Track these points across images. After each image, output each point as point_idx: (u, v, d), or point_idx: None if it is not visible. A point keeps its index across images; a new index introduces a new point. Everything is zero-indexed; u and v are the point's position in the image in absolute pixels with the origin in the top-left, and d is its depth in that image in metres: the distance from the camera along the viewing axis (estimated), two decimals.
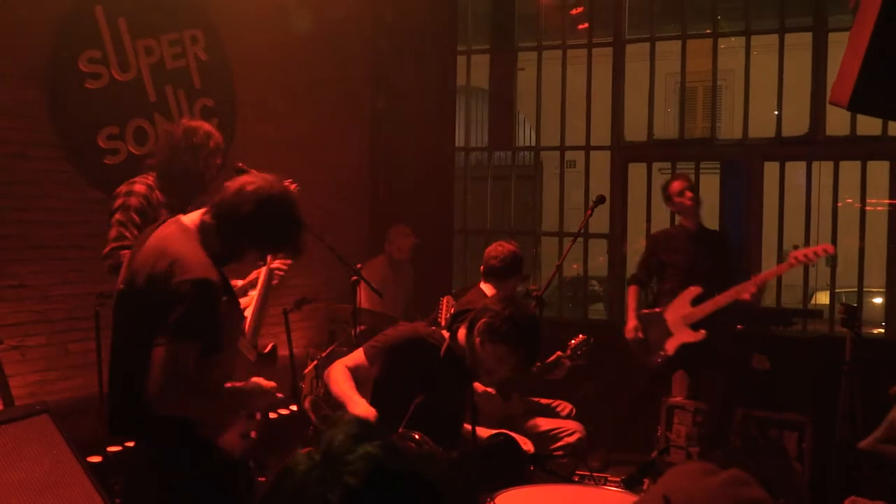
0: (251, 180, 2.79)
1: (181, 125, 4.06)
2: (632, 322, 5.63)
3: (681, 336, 5.49)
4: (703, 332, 5.45)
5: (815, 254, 5.27)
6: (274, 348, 3.43)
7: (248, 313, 3.41)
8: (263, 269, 3.46)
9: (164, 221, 2.89)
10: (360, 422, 1.19)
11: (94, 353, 4.23)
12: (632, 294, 5.75)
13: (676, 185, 5.63)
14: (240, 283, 4.01)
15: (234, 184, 2.80)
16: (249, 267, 3.43)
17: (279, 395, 2.99)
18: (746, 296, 5.31)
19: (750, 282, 5.32)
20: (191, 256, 2.70)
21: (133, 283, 2.74)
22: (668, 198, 5.69)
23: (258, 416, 2.91)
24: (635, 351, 5.67)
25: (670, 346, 5.52)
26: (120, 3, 5.09)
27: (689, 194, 5.57)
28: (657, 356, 5.57)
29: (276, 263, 3.39)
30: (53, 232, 4.77)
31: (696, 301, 5.48)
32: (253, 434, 2.87)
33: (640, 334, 5.59)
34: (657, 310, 5.60)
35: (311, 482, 1.13)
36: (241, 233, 2.76)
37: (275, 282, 3.57)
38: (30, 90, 4.70)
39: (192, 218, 2.85)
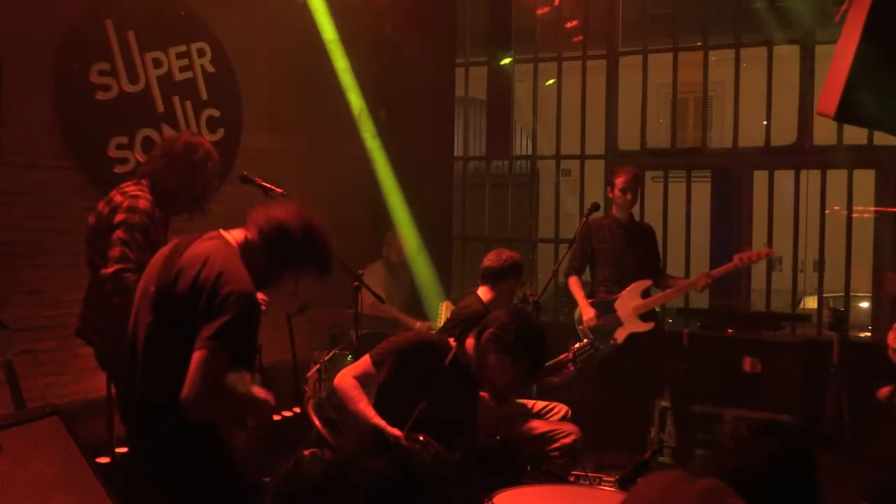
0: (292, 208, 2.85)
1: (181, 139, 3.87)
2: (590, 311, 5.57)
3: (630, 326, 5.52)
4: (651, 323, 5.52)
5: (758, 255, 5.40)
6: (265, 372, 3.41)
7: None
8: None
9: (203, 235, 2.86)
10: (377, 438, 1.19)
11: None
12: (575, 284, 5.69)
13: (618, 181, 5.66)
14: None
15: (275, 209, 2.84)
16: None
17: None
18: (699, 287, 5.45)
19: (702, 274, 5.45)
20: (238, 270, 2.69)
21: (174, 286, 2.69)
22: (610, 185, 5.73)
23: (249, 424, 2.90)
24: (588, 336, 5.56)
25: (620, 335, 5.53)
26: (129, 16, 5.10)
27: (628, 196, 5.60)
28: (604, 345, 5.48)
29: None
30: (64, 239, 4.76)
31: (646, 294, 5.53)
32: (243, 443, 2.86)
33: (600, 321, 5.56)
34: (608, 297, 5.58)
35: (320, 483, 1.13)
36: (289, 256, 2.81)
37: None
38: (41, 101, 4.71)
39: (234, 235, 2.84)
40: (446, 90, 7.35)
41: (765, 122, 6.84)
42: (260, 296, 3.36)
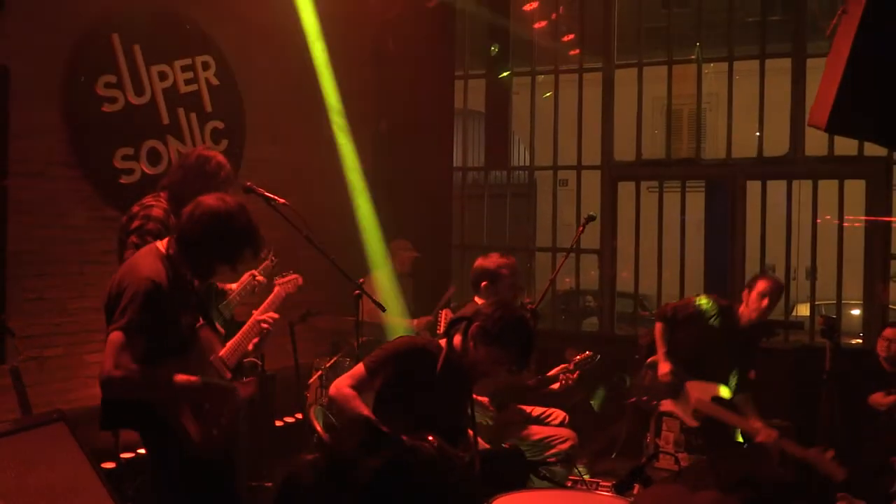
0: (201, 202, 3.05)
1: (195, 152, 4.00)
2: (667, 366, 5.00)
3: (682, 410, 5.02)
4: (697, 423, 4.96)
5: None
6: (253, 364, 3.44)
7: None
8: (251, 321, 3.45)
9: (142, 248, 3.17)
10: (370, 434, 1.18)
11: None
12: (660, 331, 5.06)
13: (763, 284, 4.94)
14: (234, 287, 4.05)
15: (188, 209, 3.06)
16: (234, 273, 3.44)
17: (241, 394, 3.18)
18: (760, 437, 4.76)
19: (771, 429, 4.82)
20: (140, 265, 2.97)
21: (106, 301, 2.99)
22: (749, 287, 5.04)
23: (213, 412, 3.04)
24: (645, 382, 5.20)
25: (665, 406, 5.07)
26: (135, 30, 5.11)
27: (765, 303, 4.91)
28: (647, 398, 5.16)
29: (265, 317, 3.39)
30: (72, 248, 4.76)
31: (718, 400, 4.94)
32: (216, 431, 3.02)
33: (674, 378, 4.98)
34: (689, 376, 5.03)
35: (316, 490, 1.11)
36: (200, 252, 3.03)
37: (264, 333, 3.51)
38: (50, 113, 4.71)
39: (163, 243, 3.11)
40: (446, 102, 7.35)
41: (757, 134, 6.85)
42: (266, 315, 3.39)
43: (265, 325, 3.36)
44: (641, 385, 5.26)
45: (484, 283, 4.61)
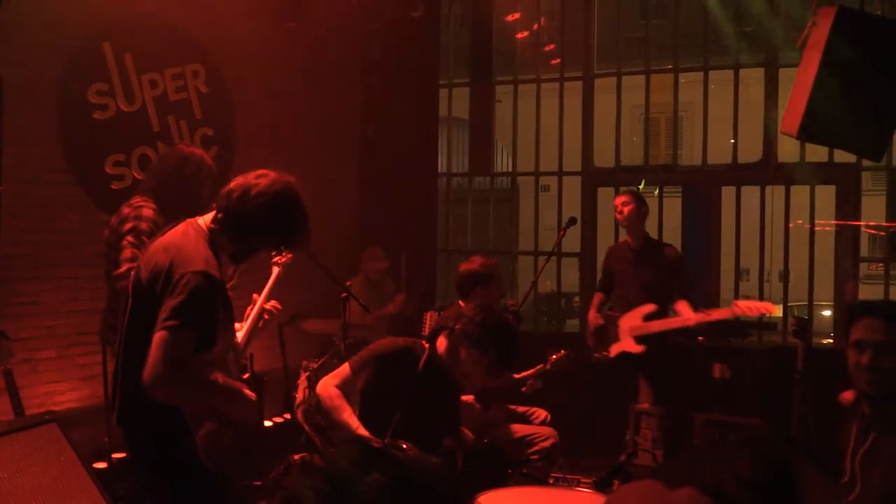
0: (254, 181, 2.73)
1: (175, 153, 4.02)
2: (592, 312, 5.79)
3: (624, 344, 5.53)
4: (643, 347, 5.46)
5: (758, 309, 5.32)
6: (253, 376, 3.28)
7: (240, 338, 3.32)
8: (255, 307, 3.36)
9: (177, 223, 2.80)
10: (364, 450, 1.15)
11: (100, 365, 4.18)
12: (596, 298, 5.89)
13: (616, 200, 5.71)
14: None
15: (239, 183, 2.73)
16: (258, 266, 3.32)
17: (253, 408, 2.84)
18: (689, 324, 5.39)
19: (700, 313, 5.36)
20: (191, 250, 2.63)
21: (139, 281, 2.66)
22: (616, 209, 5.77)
23: (235, 418, 2.75)
24: (589, 340, 5.78)
25: (613, 350, 5.57)
26: (126, 39, 5.09)
27: (625, 210, 5.58)
28: (599, 353, 5.65)
29: (269, 305, 3.32)
30: (64, 252, 4.73)
31: (649, 317, 5.46)
32: (225, 442, 2.74)
33: (601, 321, 5.67)
34: (615, 313, 5.65)
35: None
36: (249, 228, 2.70)
37: (264, 320, 3.43)
38: (43, 120, 4.69)
39: (206, 219, 2.78)
40: (431, 110, 7.36)
41: (732, 141, 6.89)
42: (270, 304, 3.32)
43: (274, 310, 3.28)
44: (589, 346, 5.74)
45: (477, 288, 4.57)
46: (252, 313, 3.31)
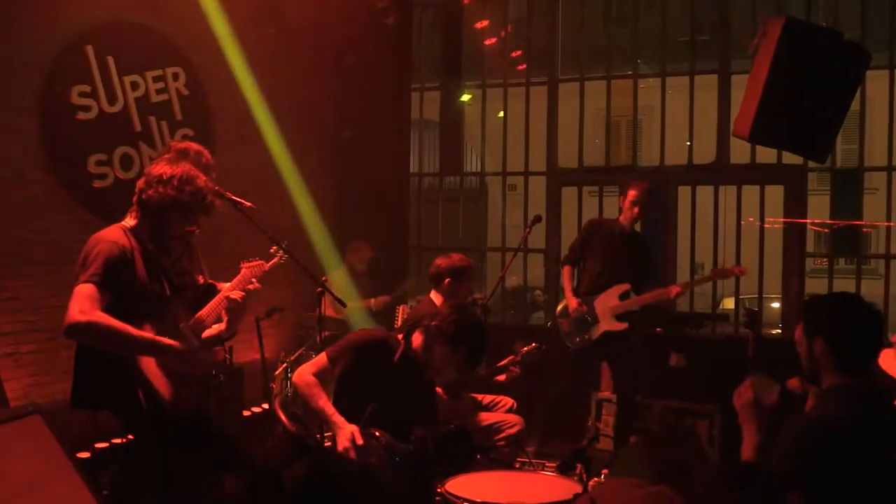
0: (151, 170, 3.09)
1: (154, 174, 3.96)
2: (575, 300, 5.52)
3: (606, 325, 5.49)
4: (626, 323, 5.48)
5: (733, 272, 5.48)
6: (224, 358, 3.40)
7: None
8: (220, 296, 3.38)
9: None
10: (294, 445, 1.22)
11: None
12: (567, 274, 5.62)
13: (631, 193, 5.53)
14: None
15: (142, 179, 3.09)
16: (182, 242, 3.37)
17: (210, 360, 3.19)
18: (670, 295, 5.47)
19: (676, 285, 5.50)
20: (104, 234, 2.97)
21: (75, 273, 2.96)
22: (623, 194, 5.60)
23: (183, 375, 3.02)
24: (565, 328, 5.62)
25: (594, 333, 5.51)
26: (108, 42, 5.01)
27: (636, 210, 5.49)
28: (580, 338, 5.56)
29: (232, 294, 3.32)
30: (46, 249, 4.65)
31: (624, 296, 5.50)
32: (185, 392, 3.01)
33: (584, 307, 5.49)
34: (591, 298, 5.55)
35: None
36: (157, 204, 3.01)
37: (230, 304, 3.44)
38: (26, 121, 4.60)
39: (126, 220, 3.10)
40: (403, 112, 7.34)
41: (688, 143, 6.96)
42: (236, 292, 3.32)
43: (233, 298, 3.28)
44: (564, 332, 5.62)
45: (447, 280, 4.61)
46: (213, 301, 3.30)
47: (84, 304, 2.78)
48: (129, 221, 3.10)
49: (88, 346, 2.92)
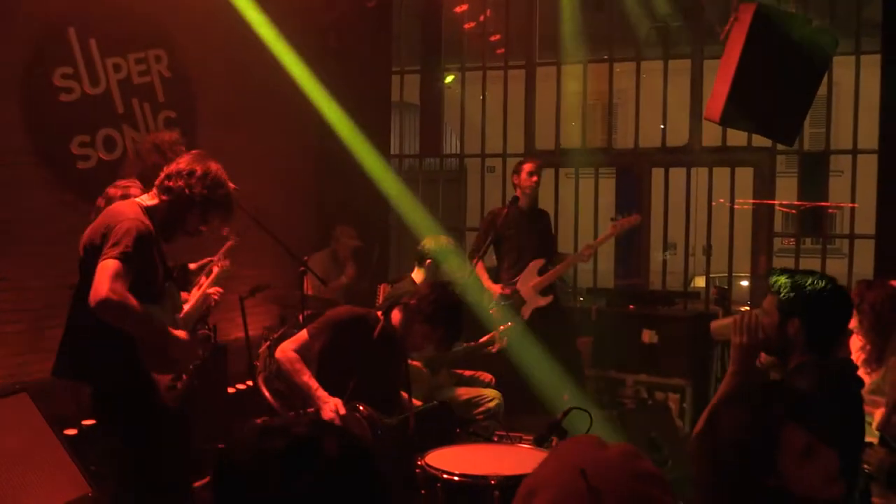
0: (187, 156, 3.04)
1: (151, 138, 3.89)
2: (496, 287, 5.49)
3: (533, 303, 5.53)
4: (550, 296, 5.55)
5: (629, 222, 5.60)
6: (207, 336, 3.42)
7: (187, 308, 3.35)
8: (201, 293, 3.39)
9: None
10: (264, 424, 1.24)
11: None
12: (481, 266, 5.53)
13: (527, 166, 5.56)
14: (193, 265, 3.95)
15: (172, 163, 3.02)
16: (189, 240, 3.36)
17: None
18: (585, 258, 5.60)
19: (586, 245, 5.65)
20: (129, 212, 2.86)
21: (81, 253, 2.88)
22: (517, 172, 5.61)
23: (179, 363, 2.99)
24: (497, 317, 5.48)
25: (525, 312, 5.52)
26: (90, 24, 4.93)
27: (534, 178, 5.54)
28: (512, 322, 5.53)
29: (212, 291, 3.35)
30: (31, 230, 4.60)
31: (542, 271, 5.55)
32: (179, 385, 2.97)
33: (508, 290, 5.49)
34: (512, 280, 5.56)
35: None
36: (182, 198, 2.94)
37: (211, 301, 3.47)
38: (8, 103, 4.53)
39: (142, 199, 3.00)
40: (383, 95, 7.30)
41: (661, 126, 6.99)
42: (214, 290, 3.35)
43: (214, 298, 3.32)
44: (497, 320, 5.52)
45: (429, 261, 4.65)
46: (197, 297, 3.32)
47: (116, 282, 2.67)
48: (147, 201, 3.00)
49: (89, 322, 2.81)
